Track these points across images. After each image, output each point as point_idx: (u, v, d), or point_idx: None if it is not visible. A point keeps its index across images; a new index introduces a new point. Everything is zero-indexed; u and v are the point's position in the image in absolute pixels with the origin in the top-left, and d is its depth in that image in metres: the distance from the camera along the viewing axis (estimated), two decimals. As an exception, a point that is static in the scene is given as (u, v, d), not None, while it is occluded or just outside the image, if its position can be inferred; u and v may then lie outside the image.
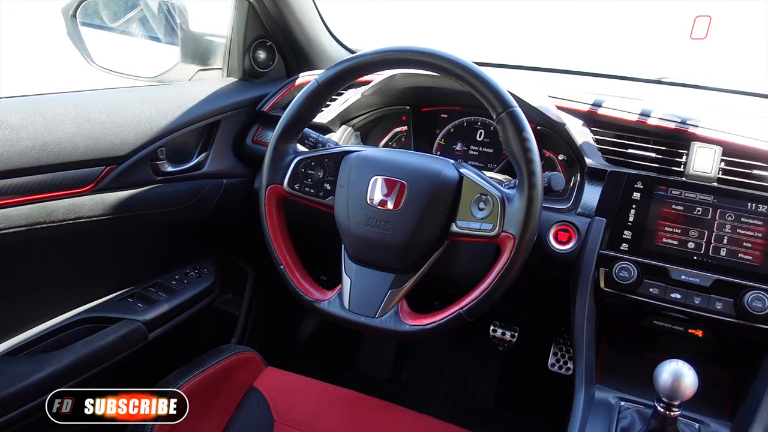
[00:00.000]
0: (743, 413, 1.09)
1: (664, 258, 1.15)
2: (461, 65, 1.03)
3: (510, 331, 1.87)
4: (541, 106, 1.32)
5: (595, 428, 1.08)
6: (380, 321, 1.08)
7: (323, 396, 1.31)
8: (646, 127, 1.28)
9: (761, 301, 1.06)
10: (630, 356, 1.29)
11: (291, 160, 1.17)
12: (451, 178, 1.07)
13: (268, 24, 1.62)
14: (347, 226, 1.11)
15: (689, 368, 0.93)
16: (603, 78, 1.72)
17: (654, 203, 1.18)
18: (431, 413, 1.30)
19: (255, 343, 1.78)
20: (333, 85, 1.13)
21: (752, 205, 1.13)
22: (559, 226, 1.24)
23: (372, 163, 1.12)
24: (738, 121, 1.29)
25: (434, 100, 1.54)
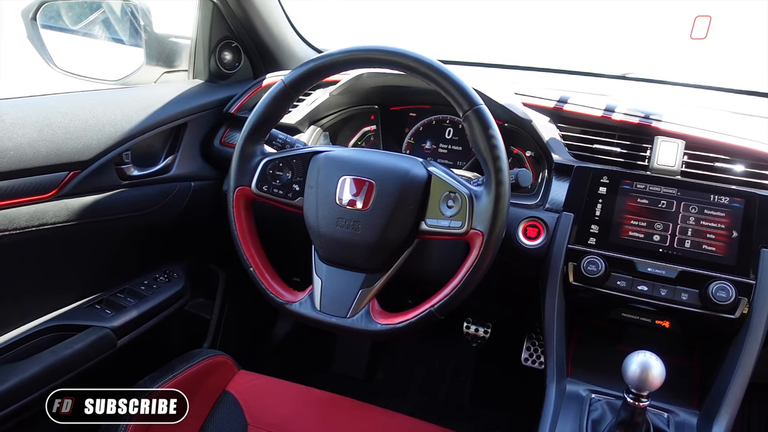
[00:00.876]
0: (710, 402, 1.11)
1: (631, 251, 1.16)
2: (427, 64, 1.03)
3: (483, 328, 1.88)
4: (508, 104, 1.33)
5: (567, 421, 1.09)
6: (351, 321, 1.08)
7: (297, 398, 1.30)
8: (611, 122, 1.30)
9: (725, 291, 1.08)
10: (600, 349, 1.30)
11: (258, 162, 1.16)
12: (419, 177, 1.08)
13: (233, 25, 1.61)
14: (317, 227, 1.11)
15: (656, 359, 0.94)
16: (569, 74, 1.74)
17: (620, 197, 1.20)
18: (406, 412, 1.30)
19: (227, 347, 1.76)
20: (299, 85, 1.12)
21: (715, 198, 1.16)
22: (528, 222, 1.25)
23: (340, 163, 1.11)
24: (700, 115, 1.32)
25: (402, 99, 1.55)
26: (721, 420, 1.07)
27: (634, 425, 0.99)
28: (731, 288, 1.08)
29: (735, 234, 1.13)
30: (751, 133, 1.23)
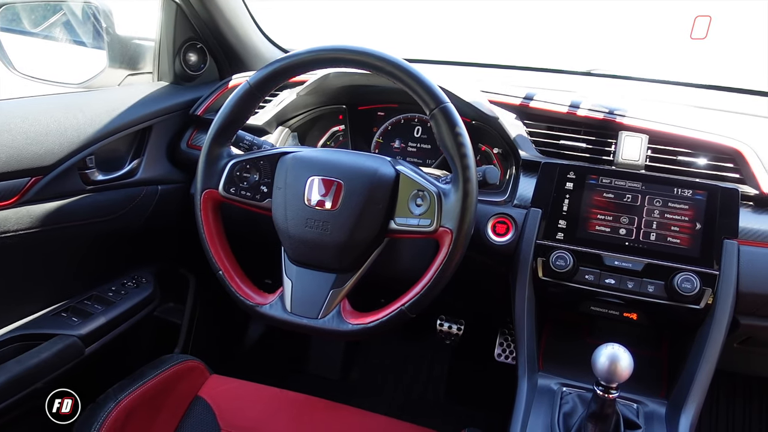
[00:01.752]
0: (678, 391, 1.13)
1: (598, 245, 1.18)
2: (392, 63, 1.03)
3: (456, 325, 1.89)
4: (475, 101, 1.34)
5: (539, 415, 1.10)
6: (323, 322, 1.07)
7: (270, 400, 1.30)
8: (576, 118, 1.32)
9: (690, 282, 1.10)
10: (571, 342, 1.32)
11: (225, 164, 1.15)
12: (387, 176, 1.08)
13: (198, 25, 1.59)
14: (286, 228, 1.10)
15: (624, 351, 0.95)
16: (535, 72, 1.76)
17: (586, 192, 1.21)
18: (381, 411, 1.30)
19: (199, 352, 1.74)
20: (265, 86, 1.11)
21: (678, 191, 1.18)
22: (497, 219, 1.26)
23: (308, 164, 1.11)
24: (663, 110, 1.34)
25: (370, 98, 1.54)
26: (689, 409, 1.09)
27: (604, 417, 1.00)
28: (696, 279, 1.10)
29: (698, 226, 1.15)
30: (713, 127, 1.26)
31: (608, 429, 1.02)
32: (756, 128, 1.32)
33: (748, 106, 1.50)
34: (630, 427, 1.06)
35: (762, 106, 1.51)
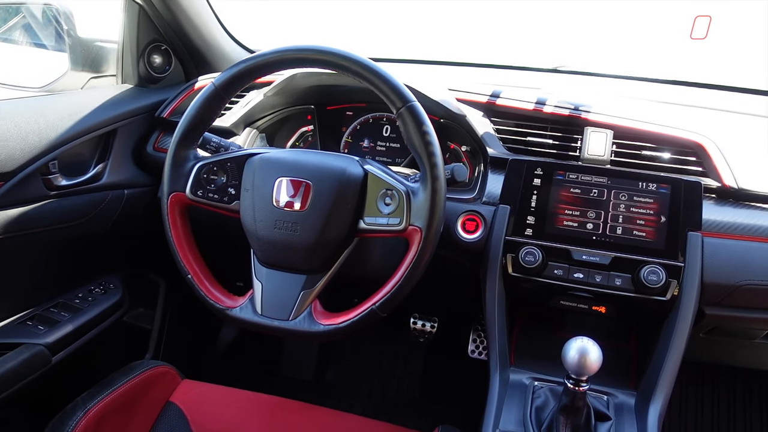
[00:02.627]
0: (646, 382, 1.15)
1: (566, 240, 1.19)
2: (359, 62, 1.03)
3: (429, 322, 1.90)
4: (442, 99, 1.34)
5: (511, 410, 1.11)
6: (294, 323, 1.07)
7: (243, 404, 1.29)
8: (543, 114, 1.33)
9: (656, 275, 1.12)
10: (542, 337, 1.33)
11: (192, 167, 1.14)
12: (355, 175, 1.08)
13: (162, 27, 1.57)
14: (254, 230, 1.09)
15: (593, 344, 0.97)
16: (501, 69, 1.77)
17: (553, 188, 1.22)
18: (357, 411, 1.30)
19: (171, 357, 1.72)
20: (230, 87, 1.10)
21: (643, 185, 1.20)
22: (466, 216, 1.26)
23: (276, 165, 1.10)
24: (628, 105, 1.36)
25: (339, 98, 1.54)
26: (657, 399, 1.10)
27: (575, 409, 1.02)
28: (661, 271, 1.12)
29: (663, 219, 1.17)
30: (676, 122, 1.28)
31: (579, 421, 1.03)
32: (718, 122, 1.34)
33: (710, 101, 1.53)
34: (601, 418, 1.07)
35: (724, 101, 1.54)
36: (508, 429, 1.07)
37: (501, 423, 1.08)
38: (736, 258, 1.15)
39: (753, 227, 1.17)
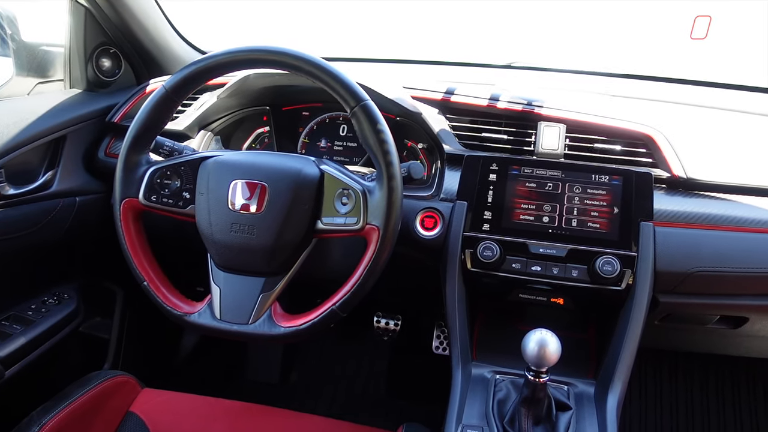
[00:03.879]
0: (604, 371, 1.17)
1: (523, 234, 1.20)
2: (310, 62, 1.02)
3: (393, 321, 1.90)
4: (397, 98, 1.34)
5: (474, 404, 1.12)
6: (254, 327, 1.06)
7: (206, 411, 1.27)
8: (497, 110, 1.35)
9: (610, 265, 1.14)
10: (503, 331, 1.35)
11: (145, 171, 1.12)
12: (312, 176, 1.07)
13: (109, 29, 1.54)
14: (210, 234, 1.08)
15: (552, 335, 0.98)
16: (456, 66, 1.78)
17: (509, 183, 1.24)
18: (323, 411, 1.30)
19: (131, 366, 1.69)
20: (181, 90, 1.09)
21: (596, 177, 1.22)
22: (425, 213, 1.27)
23: (230, 168, 1.09)
24: (580, 99, 1.38)
25: (294, 98, 1.53)
26: (615, 387, 1.13)
27: (536, 401, 1.03)
28: (616, 261, 1.14)
29: (616, 210, 1.19)
30: (626, 114, 1.31)
31: (541, 412, 1.05)
32: (666, 114, 1.37)
33: (660, 93, 1.56)
34: (561, 408, 1.09)
35: (673, 93, 1.57)
36: (471, 423, 1.07)
37: (464, 418, 1.09)
38: (687, 246, 1.18)
39: (702, 215, 1.20)
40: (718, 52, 1.70)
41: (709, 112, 1.42)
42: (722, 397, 1.95)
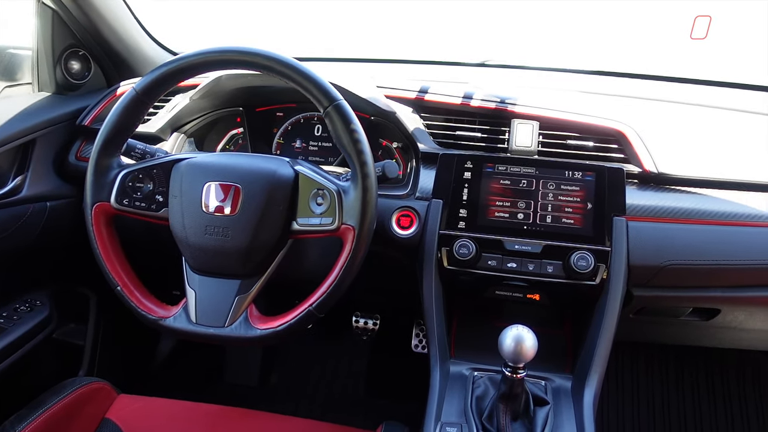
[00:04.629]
0: (581, 365, 1.18)
1: (498, 231, 1.21)
2: (283, 62, 1.02)
3: (372, 320, 1.90)
4: (371, 97, 1.34)
5: (452, 402, 1.13)
6: (230, 330, 1.05)
7: (183, 415, 1.26)
8: (471, 108, 1.35)
9: (585, 260, 1.15)
10: (480, 328, 1.35)
11: (116, 175, 1.10)
12: (286, 177, 1.07)
13: (78, 31, 1.51)
14: (185, 237, 1.07)
15: (528, 331, 0.99)
16: (430, 65, 1.78)
17: (484, 180, 1.24)
18: (303, 413, 1.29)
19: (107, 372, 1.67)
20: (152, 92, 1.08)
21: (569, 173, 1.23)
22: (401, 212, 1.27)
23: (204, 170, 1.08)
24: (553, 97, 1.39)
25: (268, 99, 1.52)
26: (592, 380, 1.14)
27: (514, 396, 1.04)
28: (590, 256, 1.16)
29: (590, 206, 1.20)
30: (598, 111, 1.32)
31: (519, 408, 1.05)
32: (638, 110, 1.39)
33: (631, 90, 1.58)
34: (539, 403, 1.09)
35: (645, 89, 1.59)
36: (450, 420, 1.08)
37: (443, 415, 1.09)
38: (659, 240, 1.20)
39: (673, 209, 1.22)
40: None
41: (680, 108, 1.43)
42: (697, 387, 1.99)
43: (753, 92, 1.58)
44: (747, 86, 1.61)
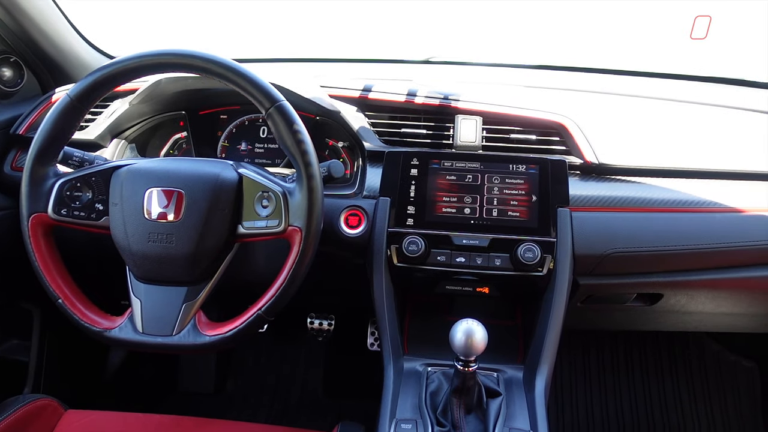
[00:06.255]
0: (531, 355, 1.21)
1: (446, 226, 1.22)
2: (221, 64, 1.00)
3: (326, 321, 1.90)
4: (315, 97, 1.34)
5: (407, 398, 1.13)
6: (178, 338, 1.04)
7: (135, 428, 1.23)
8: (415, 106, 1.36)
9: (531, 252, 1.17)
10: (433, 323, 1.36)
11: (53, 184, 1.07)
12: (230, 180, 1.05)
13: (8, 37, 1.45)
14: (127, 245, 1.05)
15: (478, 324, 1.00)
16: (374, 63, 1.78)
17: (430, 177, 1.25)
18: (261, 418, 1.28)
19: (54, 388, 1.62)
20: (87, 98, 1.05)
21: (513, 167, 1.25)
22: (349, 212, 1.27)
23: (145, 176, 1.06)
24: (496, 92, 1.41)
25: (211, 102, 1.50)
26: (542, 369, 1.16)
27: (467, 390, 1.05)
28: (536, 248, 1.18)
29: (534, 198, 1.22)
30: (540, 104, 1.34)
31: (472, 401, 1.07)
32: (579, 102, 1.42)
33: (572, 83, 1.61)
34: (492, 395, 1.11)
35: (585, 82, 1.62)
36: (405, 417, 1.08)
37: (398, 412, 1.10)
38: (602, 229, 1.23)
39: (615, 199, 1.25)
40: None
41: (620, 99, 1.47)
42: (646, 370, 2.05)
43: (689, 82, 1.64)
44: (683, 77, 1.66)
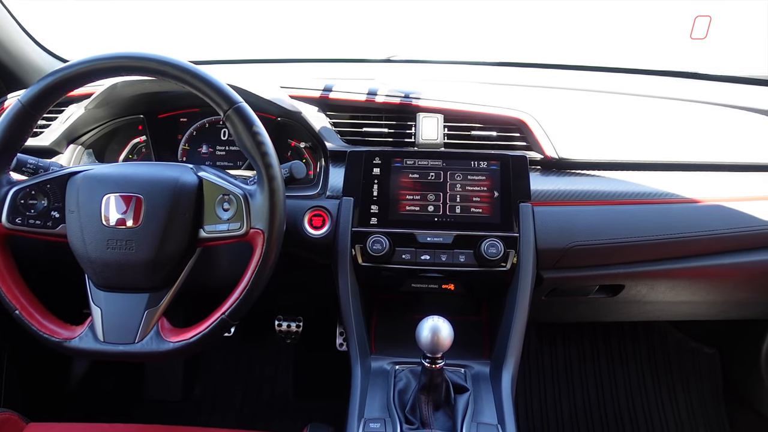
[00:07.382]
0: (497, 350, 1.22)
1: (410, 224, 1.23)
2: (177, 66, 0.99)
3: (295, 323, 1.89)
4: (275, 98, 1.33)
5: (375, 397, 1.13)
6: (141, 345, 1.02)
7: (99, 439, 1.20)
8: (376, 105, 1.36)
9: (495, 247, 1.19)
10: (399, 322, 1.36)
11: (6, 193, 1.04)
12: (190, 183, 1.04)
13: (-44, 42, 1.42)
14: (85, 253, 1.03)
15: (444, 321, 1.00)
16: (335, 63, 1.77)
17: (393, 176, 1.25)
18: (231, 423, 1.26)
19: (14, 402, 1.58)
20: (40, 103, 1.02)
21: (475, 163, 1.26)
22: (312, 212, 1.26)
23: (102, 181, 1.04)
24: (457, 89, 1.42)
25: (170, 105, 1.48)
26: (509, 364, 1.17)
27: (434, 386, 1.06)
28: (499, 243, 1.19)
29: (496, 194, 1.24)
30: (500, 101, 1.35)
31: (440, 398, 1.07)
32: (538, 98, 1.43)
33: (532, 79, 1.63)
34: (459, 391, 1.12)
35: (544, 78, 1.64)
36: (373, 416, 1.08)
37: (366, 411, 1.10)
38: (563, 223, 1.25)
39: (575, 192, 1.27)
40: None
41: (578, 94, 1.49)
42: (611, 359, 2.08)
43: (647, 77, 1.67)
44: (641, 71, 1.70)
